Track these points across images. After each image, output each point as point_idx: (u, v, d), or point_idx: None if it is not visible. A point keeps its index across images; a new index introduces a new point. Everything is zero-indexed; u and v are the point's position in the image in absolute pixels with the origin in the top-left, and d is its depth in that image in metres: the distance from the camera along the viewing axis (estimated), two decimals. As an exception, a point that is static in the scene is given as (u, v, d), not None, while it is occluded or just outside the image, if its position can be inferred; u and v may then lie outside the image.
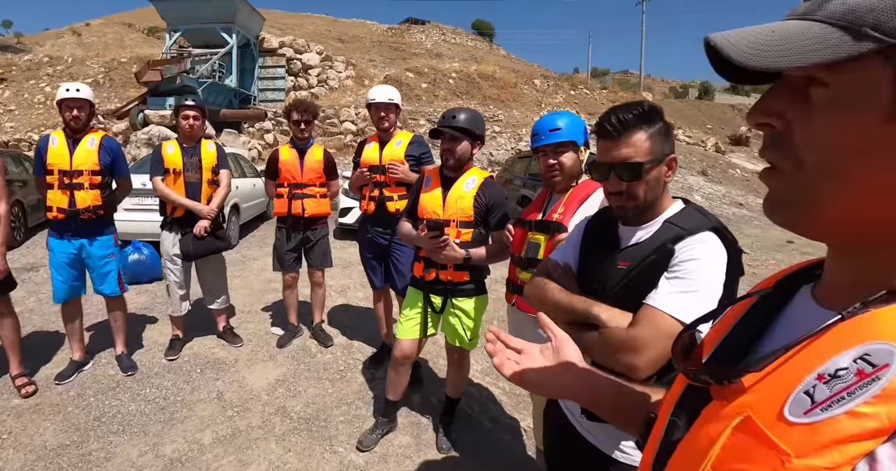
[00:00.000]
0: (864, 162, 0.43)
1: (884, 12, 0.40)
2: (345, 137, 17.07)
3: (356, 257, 6.80)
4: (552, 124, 2.06)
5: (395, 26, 44.59)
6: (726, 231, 1.27)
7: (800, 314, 0.57)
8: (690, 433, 0.56)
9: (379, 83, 23.43)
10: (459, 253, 2.49)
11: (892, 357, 0.39)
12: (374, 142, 3.64)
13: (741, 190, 20.87)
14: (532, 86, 29.79)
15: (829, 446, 0.40)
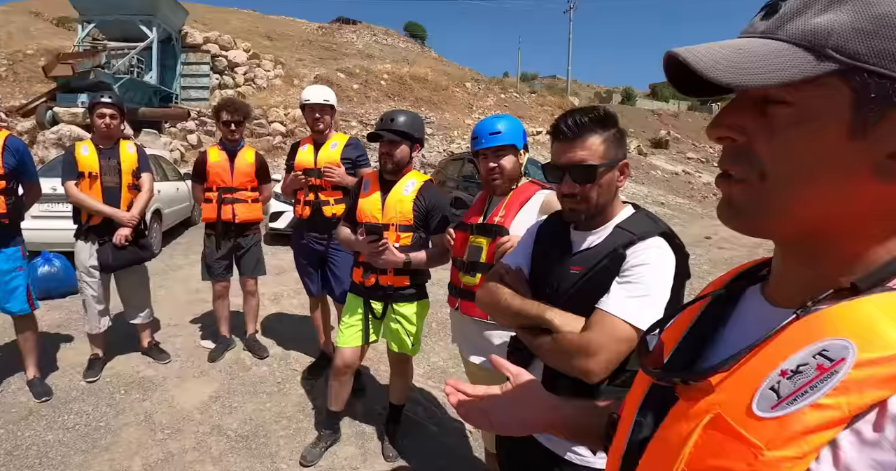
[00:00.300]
0: (824, 175, 0.47)
1: (842, 36, 0.44)
2: (273, 138, 16.54)
3: (289, 263, 6.62)
4: (492, 128, 2.07)
5: (326, 25, 43.71)
6: (675, 236, 1.31)
7: (753, 313, 0.60)
8: (660, 432, 0.57)
9: (309, 83, 22.89)
10: (399, 257, 2.46)
11: (848, 352, 0.42)
12: (308, 144, 3.53)
13: (662, 190, 22.03)
14: (464, 89, 30.14)
15: (797, 437, 0.42)
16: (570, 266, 1.33)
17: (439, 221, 2.59)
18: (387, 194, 2.60)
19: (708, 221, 16.74)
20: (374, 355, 3.87)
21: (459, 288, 2.12)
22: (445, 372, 3.91)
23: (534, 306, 1.30)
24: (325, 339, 3.78)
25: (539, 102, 33.31)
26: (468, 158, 10.96)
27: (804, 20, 0.46)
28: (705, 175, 27.68)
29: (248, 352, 3.95)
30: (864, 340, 0.43)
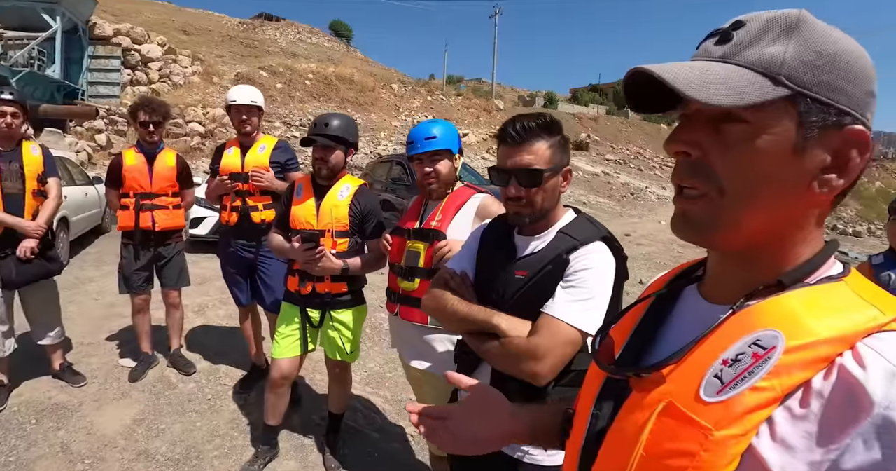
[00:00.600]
0: (774, 188, 0.54)
1: (792, 66, 0.52)
2: (191, 139, 15.71)
3: (212, 272, 6.36)
4: (427, 133, 2.08)
5: (247, 21, 42.04)
6: (614, 240, 1.38)
7: (691, 310, 0.67)
8: (617, 423, 0.62)
9: (229, 81, 21.93)
10: (337, 264, 2.43)
11: (778, 340, 0.50)
12: (234, 147, 3.38)
13: (583, 190, 22.96)
14: (390, 90, 30.00)
15: (740, 416, 0.49)
16: (515, 271, 1.36)
17: (375, 226, 2.58)
18: (321, 200, 2.55)
19: (626, 219, 17.63)
20: (308, 364, 3.76)
21: (398, 294, 2.11)
22: (383, 377, 3.88)
23: (481, 312, 1.32)
24: (256, 350, 3.63)
25: (465, 105, 33.75)
26: (396, 160, 10.92)
27: (758, 49, 0.53)
28: (623, 176, 29.13)
29: (173, 369, 3.70)
30: (790, 330, 0.50)
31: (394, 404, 3.46)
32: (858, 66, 0.53)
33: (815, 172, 0.54)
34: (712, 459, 0.50)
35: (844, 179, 0.54)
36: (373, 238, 2.56)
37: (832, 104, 0.52)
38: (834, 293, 0.54)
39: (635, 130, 43.70)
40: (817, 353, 0.48)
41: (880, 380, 0.45)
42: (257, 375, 3.58)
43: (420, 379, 2.15)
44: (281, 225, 2.66)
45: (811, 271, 0.57)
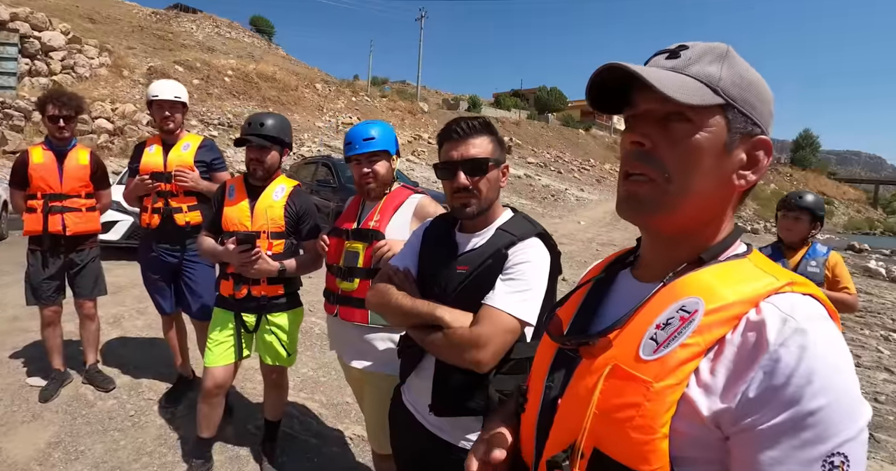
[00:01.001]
0: (708, 177, 0.68)
1: (726, 82, 0.67)
2: (98, 136, 14.54)
3: (126, 280, 5.97)
4: (366, 134, 2.09)
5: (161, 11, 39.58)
6: (549, 237, 1.47)
7: (626, 289, 0.79)
8: (570, 389, 0.72)
9: (141, 75, 20.59)
10: (274, 266, 2.39)
11: (699, 305, 0.63)
12: (155, 145, 3.20)
13: (507, 192, 23.55)
14: (314, 90, 29.39)
15: (674, 369, 0.61)
16: (457, 266, 1.42)
17: (311, 227, 2.55)
18: (255, 201, 2.50)
19: (548, 220, 18.30)
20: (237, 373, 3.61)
21: (337, 294, 2.10)
22: (317, 382, 3.80)
23: (424, 305, 1.37)
24: (182, 361, 3.44)
25: (390, 107, 33.67)
26: (322, 161, 10.73)
27: (701, 66, 0.68)
28: (544, 178, 30.17)
29: (89, 386, 3.40)
30: (708, 297, 0.63)
31: (330, 408, 3.40)
32: (765, 92, 0.70)
33: (736, 168, 0.69)
34: (654, 407, 0.60)
35: (756, 175, 0.70)
36: (309, 239, 2.53)
37: (749, 117, 0.68)
38: (740, 267, 0.68)
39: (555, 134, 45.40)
40: (730, 313, 0.61)
41: (775, 325, 0.59)
42: (184, 387, 3.40)
43: (361, 379, 2.14)
44: (212, 228, 2.57)
45: (723, 250, 0.71)
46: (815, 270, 2.75)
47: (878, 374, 5.51)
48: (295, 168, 11.46)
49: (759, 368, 0.57)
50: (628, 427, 0.61)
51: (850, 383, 0.57)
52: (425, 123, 33.64)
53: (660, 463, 0.60)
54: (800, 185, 55.08)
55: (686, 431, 0.60)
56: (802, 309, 0.61)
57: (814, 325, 0.59)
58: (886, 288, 11.54)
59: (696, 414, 0.60)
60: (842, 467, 0.55)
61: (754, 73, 0.70)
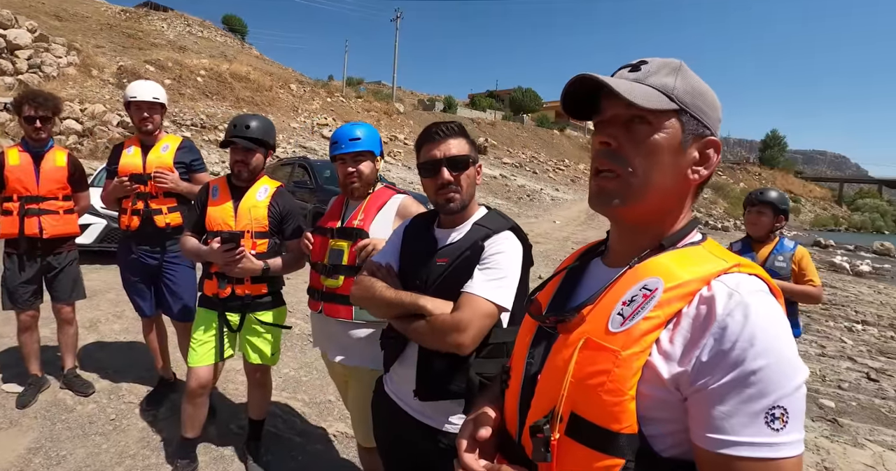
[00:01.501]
0: (666, 172, 0.78)
1: (679, 91, 0.78)
2: (67, 138, 14.17)
3: (102, 284, 5.87)
4: (352, 134, 2.15)
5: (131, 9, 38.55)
6: (520, 230, 1.59)
7: (597, 275, 0.89)
8: (548, 362, 0.81)
9: (111, 74, 20.14)
10: (257, 264, 2.43)
11: (659, 284, 0.73)
12: (134, 146, 3.18)
13: (482, 193, 23.69)
14: (288, 90, 29.13)
15: (638, 339, 0.70)
16: (437, 259, 1.52)
17: (294, 226, 2.60)
18: (238, 201, 2.54)
19: (524, 219, 18.48)
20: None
21: (322, 291, 2.15)
22: (299, 381, 3.82)
23: (407, 296, 1.46)
24: (163, 363, 3.43)
25: (365, 108, 33.56)
26: (299, 163, 10.65)
27: (659, 78, 0.79)
28: (519, 178, 30.42)
29: (68, 391, 3.35)
30: (667, 277, 0.73)
31: (313, 407, 3.43)
32: (713, 100, 0.82)
33: (690, 165, 0.79)
34: (622, 373, 0.70)
35: (707, 170, 0.81)
36: (292, 239, 2.58)
37: (700, 120, 0.79)
38: (696, 252, 0.78)
39: (530, 135, 45.80)
40: (685, 290, 0.71)
41: (723, 299, 0.69)
42: (166, 389, 3.38)
43: (345, 375, 2.19)
44: (195, 228, 2.59)
45: (682, 238, 0.82)
46: (781, 264, 2.89)
47: (842, 363, 5.74)
48: (271, 169, 11.35)
49: (710, 335, 0.67)
50: (601, 391, 0.70)
51: (788, 346, 0.67)
52: (401, 124, 33.65)
53: (629, 422, 0.69)
54: (768, 183, 56.56)
55: (650, 393, 0.70)
56: (746, 285, 0.71)
57: (755, 298, 0.69)
58: (850, 282, 11.97)
59: (658, 378, 0.69)
60: (782, 419, 0.63)
61: (704, 85, 0.81)
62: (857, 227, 54.51)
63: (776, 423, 0.63)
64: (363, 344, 2.06)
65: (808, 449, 3.54)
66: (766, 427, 0.63)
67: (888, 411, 4.50)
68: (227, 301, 2.51)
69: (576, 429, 0.72)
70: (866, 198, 71.23)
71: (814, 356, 5.83)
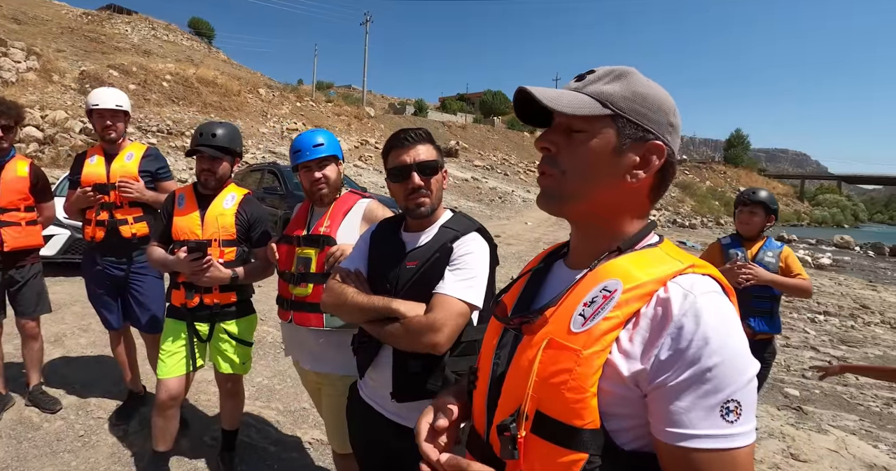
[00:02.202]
0: (602, 175, 0.82)
1: (615, 97, 0.81)
2: (27, 146, 13.71)
3: (66, 297, 5.71)
4: (314, 140, 2.15)
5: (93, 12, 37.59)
6: (486, 231, 1.64)
7: (560, 276, 0.92)
8: (514, 363, 0.83)
9: (73, 79, 19.57)
10: (226, 273, 2.41)
11: (618, 285, 0.76)
12: (97, 155, 3.12)
13: (455, 195, 23.75)
14: (257, 95, 28.75)
15: (598, 338, 0.73)
16: (406, 262, 1.55)
17: (262, 234, 2.58)
18: (205, 210, 2.51)
19: (496, 222, 18.60)
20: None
21: (291, 300, 2.13)
22: (273, 390, 3.79)
23: (379, 300, 1.49)
24: (131, 376, 3.35)
25: (336, 112, 33.33)
26: (268, 169, 10.53)
27: (598, 86, 0.82)
28: (490, 181, 30.57)
29: (34, 408, 3.24)
30: (625, 278, 0.76)
31: (287, 415, 3.40)
32: (660, 104, 0.82)
33: (629, 169, 0.81)
34: (584, 371, 0.73)
35: (647, 174, 0.82)
36: (260, 246, 2.56)
37: (640, 125, 0.81)
38: (653, 254, 0.82)
39: (501, 137, 46.08)
40: (643, 290, 0.74)
41: (678, 299, 0.72)
42: (135, 403, 3.31)
43: (318, 383, 2.18)
44: (161, 238, 2.56)
45: (638, 241, 0.84)
46: (771, 260, 2.97)
47: (806, 352, 5.96)
48: (240, 176, 11.19)
49: (667, 335, 0.71)
50: (563, 389, 0.73)
51: (739, 343, 0.71)
52: (372, 128, 33.53)
53: (591, 418, 0.73)
54: (733, 182, 58.00)
55: (611, 390, 0.73)
56: (700, 286, 0.74)
57: (708, 298, 0.73)
58: (812, 275, 12.38)
59: (618, 375, 0.72)
60: (736, 411, 0.68)
61: (652, 89, 0.83)
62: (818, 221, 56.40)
63: (731, 415, 0.68)
64: (335, 351, 2.06)
65: (774, 437, 3.66)
66: (721, 420, 0.67)
67: (850, 397, 4.69)
68: (196, 311, 2.48)
69: (541, 426, 0.75)
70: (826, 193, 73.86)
71: (778, 347, 6.00)
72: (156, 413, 2.49)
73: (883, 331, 7.59)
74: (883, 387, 5.16)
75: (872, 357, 6.16)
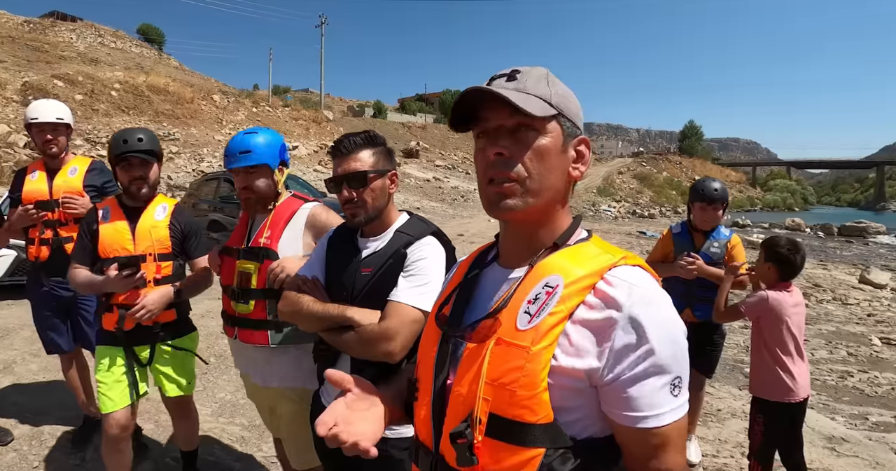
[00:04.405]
0: (555, 172, 0.84)
1: (555, 98, 0.83)
2: (-36, 165, 13.10)
3: (14, 321, 5.47)
4: (242, 146, 1.97)
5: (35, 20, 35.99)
6: (443, 234, 1.62)
7: (494, 277, 0.91)
8: (461, 369, 0.82)
9: (14, 91, 18.75)
10: (167, 290, 2.30)
11: (559, 280, 0.78)
12: (38, 171, 2.99)
13: (417, 196, 23.76)
14: (211, 102, 28.09)
15: (545, 333, 0.75)
16: (361, 268, 1.54)
17: (198, 244, 2.46)
18: (135, 223, 2.33)
19: (459, 220, 18.63)
20: (149, 406, 3.43)
21: (235, 317, 2.02)
22: (236, 405, 3.69)
23: (335, 308, 1.47)
24: (85, 399, 3.21)
25: (293, 117, 32.86)
26: (224, 177, 10.25)
27: (538, 87, 0.84)
28: (452, 180, 30.67)
29: None
30: (565, 273, 0.79)
31: (252, 430, 3.32)
32: (576, 102, 0.88)
33: (570, 163, 0.86)
34: (533, 366, 0.74)
35: (584, 166, 0.87)
36: (199, 256, 2.44)
37: (573, 122, 0.86)
38: (586, 249, 0.84)
39: (462, 136, 46.10)
40: (583, 284, 0.77)
41: (623, 292, 0.76)
42: (91, 427, 3.16)
43: (271, 399, 2.08)
44: (83, 259, 2.33)
45: (570, 236, 0.87)
46: (716, 250, 3.03)
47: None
48: (196, 185, 10.91)
49: (619, 327, 0.74)
50: (515, 387, 0.75)
51: (680, 328, 0.77)
52: (331, 132, 33.19)
53: (544, 412, 0.74)
54: (689, 171, 59.69)
55: (561, 384, 0.75)
56: (637, 277, 0.79)
57: (650, 289, 0.78)
58: (766, 259, 12.83)
59: (569, 370, 0.75)
60: (678, 386, 0.76)
61: (568, 88, 0.88)
62: (770, 206, 58.67)
63: (675, 390, 0.75)
64: (286, 365, 1.97)
65: (737, 416, 3.82)
66: (670, 396, 0.75)
67: (805, 376, 4.86)
68: (133, 334, 2.29)
69: (496, 428, 0.76)
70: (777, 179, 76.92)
71: (737, 329, 6.22)
72: (107, 450, 2.29)
73: (834, 307, 7.93)
74: (837, 361, 5.40)
75: (826, 333, 6.44)
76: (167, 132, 21.50)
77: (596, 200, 35.85)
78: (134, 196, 2.35)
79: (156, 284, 2.32)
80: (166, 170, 18.43)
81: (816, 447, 3.38)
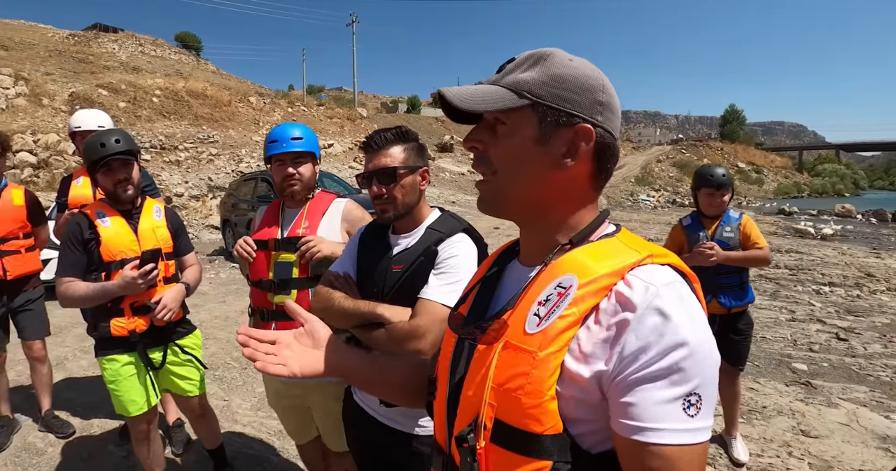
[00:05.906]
0: (528, 167, 0.77)
1: (532, 85, 0.75)
2: (21, 171, 13.77)
3: (67, 320, 5.70)
4: (292, 133, 2.04)
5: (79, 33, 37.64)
6: (474, 231, 1.59)
7: (514, 275, 0.87)
8: (470, 371, 0.79)
9: (62, 101, 19.62)
10: (180, 287, 2.36)
11: (573, 281, 0.71)
12: (83, 177, 3.11)
13: (452, 190, 23.74)
14: (248, 104, 28.71)
15: (555, 338, 0.68)
16: (392, 265, 1.53)
17: (185, 241, 2.53)
18: (134, 225, 2.32)
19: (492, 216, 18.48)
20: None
21: (272, 310, 2.03)
22: (277, 401, 3.76)
23: (365, 305, 1.46)
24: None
25: (328, 115, 33.28)
26: (262, 177, 10.49)
27: (514, 76, 0.77)
28: (490, 173, 30.48)
29: (38, 433, 3.23)
30: (580, 272, 0.71)
31: (292, 425, 3.38)
32: (583, 84, 0.76)
33: (557, 157, 0.76)
34: (540, 373, 0.68)
35: (574, 162, 0.76)
36: (186, 254, 2.52)
37: (562, 109, 0.75)
38: (609, 245, 0.76)
39: (496, 128, 45.95)
40: (600, 284, 0.70)
41: (640, 292, 0.67)
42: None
43: (301, 397, 2.11)
44: (76, 271, 2.20)
45: (591, 232, 0.79)
46: (730, 234, 2.98)
47: (812, 325, 5.89)
48: (235, 185, 11.18)
49: (630, 330, 0.66)
50: (520, 394, 0.69)
51: (704, 336, 0.67)
52: (365, 129, 33.44)
53: (551, 423, 0.68)
54: (731, 157, 57.74)
55: (570, 393, 0.69)
56: (661, 277, 0.70)
57: (671, 290, 0.68)
58: (815, 246, 12.31)
59: (577, 376, 0.68)
60: (696, 405, 0.65)
61: (572, 69, 0.76)
62: (818, 192, 56.14)
63: (691, 409, 0.65)
64: None
65: (784, 414, 3.64)
66: (682, 413, 0.64)
67: (858, 368, 4.64)
68: (146, 336, 2.29)
69: (500, 435, 0.71)
70: (825, 163, 73.41)
71: (784, 322, 5.98)
72: (138, 444, 2.37)
73: (889, 298, 7.52)
74: (892, 356, 5.13)
75: (880, 326, 6.12)
76: (206, 135, 22.09)
77: (634, 190, 35.07)
78: (119, 199, 2.29)
79: (165, 282, 2.36)
80: (207, 171, 18.97)
81: (869, 448, 3.22)
